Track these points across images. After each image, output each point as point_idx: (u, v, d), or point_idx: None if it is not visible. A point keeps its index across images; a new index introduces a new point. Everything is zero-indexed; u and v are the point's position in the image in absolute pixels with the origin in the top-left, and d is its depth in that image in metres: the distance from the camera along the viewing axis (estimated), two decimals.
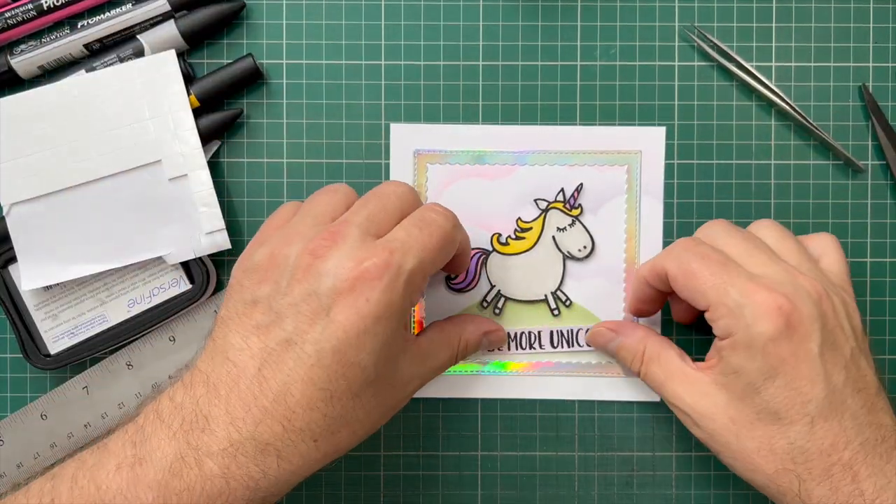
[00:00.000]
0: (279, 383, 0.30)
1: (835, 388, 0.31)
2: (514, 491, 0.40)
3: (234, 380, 0.30)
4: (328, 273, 0.30)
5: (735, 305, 0.32)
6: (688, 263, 0.33)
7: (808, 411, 0.31)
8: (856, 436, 0.31)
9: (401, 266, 0.31)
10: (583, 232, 0.40)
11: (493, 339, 0.39)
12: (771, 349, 0.31)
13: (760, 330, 0.31)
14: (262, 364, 0.30)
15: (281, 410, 0.30)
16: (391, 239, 0.31)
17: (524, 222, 0.40)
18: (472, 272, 0.40)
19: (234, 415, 0.30)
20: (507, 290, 0.40)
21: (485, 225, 0.40)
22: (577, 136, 0.40)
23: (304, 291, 0.30)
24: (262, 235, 0.34)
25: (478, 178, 0.40)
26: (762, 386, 0.31)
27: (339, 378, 0.30)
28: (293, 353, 0.30)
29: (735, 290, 0.32)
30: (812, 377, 0.31)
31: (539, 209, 0.40)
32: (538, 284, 0.40)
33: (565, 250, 0.40)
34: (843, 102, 0.40)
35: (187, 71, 0.39)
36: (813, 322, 0.31)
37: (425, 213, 0.33)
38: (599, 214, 0.40)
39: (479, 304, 0.40)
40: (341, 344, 0.30)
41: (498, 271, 0.40)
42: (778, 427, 0.31)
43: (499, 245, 0.40)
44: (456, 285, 0.40)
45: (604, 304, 0.40)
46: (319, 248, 0.31)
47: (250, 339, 0.31)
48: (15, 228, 0.38)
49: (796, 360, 0.31)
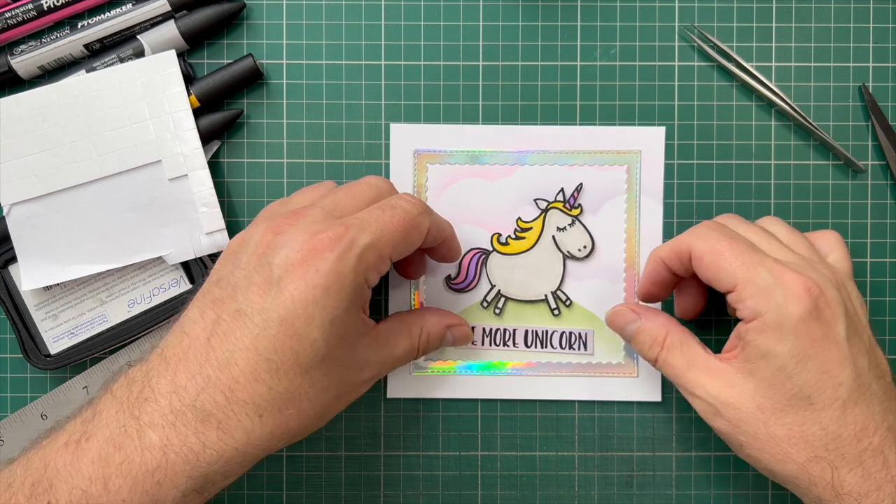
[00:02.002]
0: (224, 352, 0.29)
1: (861, 372, 0.31)
2: (514, 491, 0.40)
3: (184, 350, 0.30)
4: (282, 245, 0.30)
5: (766, 284, 0.31)
6: (716, 242, 0.33)
7: (840, 395, 0.31)
8: (882, 420, 0.31)
9: (354, 240, 0.30)
10: (583, 232, 0.40)
11: (457, 333, 0.38)
12: (802, 330, 0.31)
13: (792, 310, 0.31)
14: (212, 333, 0.30)
15: (224, 379, 0.29)
16: (351, 217, 0.32)
17: (524, 222, 0.40)
18: (473, 272, 0.40)
19: (178, 383, 0.29)
20: (508, 290, 0.40)
21: (485, 225, 0.40)
22: (576, 136, 0.40)
23: (258, 263, 0.31)
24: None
25: (478, 177, 0.40)
26: (794, 369, 0.31)
27: (285, 349, 0.29)
28: (241, 323, 0.30)
29: (765, 269, 0.32)
30: (841, 360, 0.31)
31: (539, 209, 0.40)
32: (538, 284, 0.40)
33: (565, 250, 0.40)
34: (843, 102, 0.40)
35: (187, 71, 0.39)
36: (838, 305, 0.31)
37: (393, 198, 0.33)
38: (599, 214, 0.40)
39: (479, 304, 0.40)
40: (288, 313, 0.29)
41: (498, 271, 0.40)
42: (810, 413, 0.31)
43: (499, 245, 0.40)
44: (456, 285, 0.40)
45: (604, 303, 0.40)
46: (280, 226, 0.31)
47: (206, 312, 0.31)
48: (15, 228, 0.38)
49: (826, 343, 0.31)
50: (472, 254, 0.40)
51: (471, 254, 0.40)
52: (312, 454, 0.40)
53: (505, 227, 0.40)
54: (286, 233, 0.31)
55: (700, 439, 0.40)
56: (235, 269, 0.31)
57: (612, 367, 0.40)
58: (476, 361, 0.40)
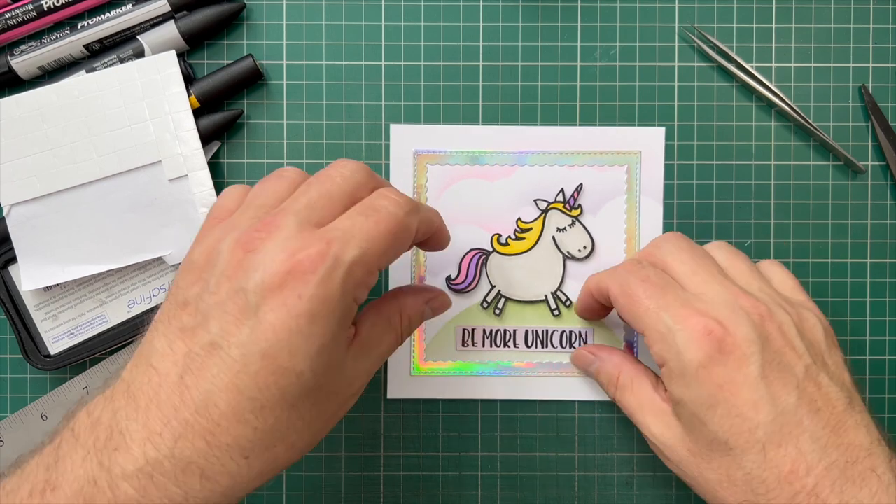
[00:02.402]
0: (202, 392, 0.26)
1: (785, 410, 0.29)
2: (514, 492, 0.40)
3: (154, 389, 0.27)
4: (257, 267, 0.26)
5: (667, 331, 0.30)
6: (628, 286, 0.32)
7: (758, 438, 0.29)
8: (818, 460, 0.28)
9: (338, 257, 0.27)
10: (583, 232, 0.40)
11: (435, 305, 0.35)
12: (704, 376, 0.29)
13: (690, 357, 0.30)
14: (185, 370, 0.26)
15: (204, 423, 0.26)
16: (331, 228, 0.28)
17: (524, 223, 0.40)
18: (473, 273, 0.40)
19: (151, 429, 0.26)
20: (508, 291, 0.40)
21: (485, 225, 0.40)
22: (576, 137, 0.40)
23: (232, 289, 0.27)
24: (204, 230, 0.30)
25: (478, 178, 0.40)
26: (705, 416, 0.30)
27: (270, 386, 0.26)
28: (217, 358, 0.26)
29: (668, 314, 0.31)
30: (755, 401, 0.29)
31: (539, 209, 0.40)
32: (538, 285, 0.40)
33: (565, 250, 0.40)
34: (843, 103, 0.40)
35: (187, 72, 0.39)
36: (750, 344, 0.29)
37: (375, 199, 0.29)
38: (599, 215, 0.40)
39: (479, 305, 0.40)
40: (271, 347, 0.26)
41: (498, 272, 0.40)
42: (731, 458, 0.30)
43: (499, 245, 0.40)
44: (456, 286, 0.40)
45: None
46: (252, 241, 0.27)
47: (175, 344, 0.27)
48: (15, 229, 0.38)
49: (734, 386, 0.29)
50: (472, 254, 0.40)
51: (471, 254, 0.40)
52: (312, 454, 0.40)
53: (505, 227, 0.40)
54: (259, 250, 0.27)
55: None
56: (204, 293, 0.27)
57: None
58: (476, 362, 0.40)
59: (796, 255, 0.40)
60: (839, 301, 0.40)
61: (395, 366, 0.40)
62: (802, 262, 0.40)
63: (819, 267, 0.40)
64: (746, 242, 0.40)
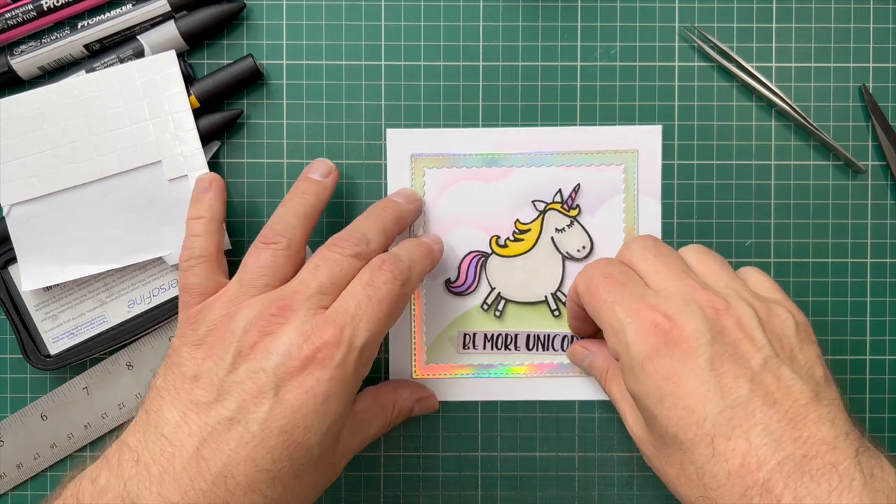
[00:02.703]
0: (220, 464, 0.28)
1: (735, 402, 0.28)
2: (514, 492, 0.40)
3: (168, 459, 0.28)
4: (276, 350, 0.29)
5: (619, 325, 0.31)
6: (591, 281, 0.33)
7: (706, 430, 0.28)
8: (772, 453, 0.27)
9: (352, 343, 0.30)
10: (581, 232, 0.40)
11: (424, 405, 0.39)
12: (650, 369, 0.29)
13: (637, 349, 0.30)
14: (202, 443, 0.28)
15: (220, 493, 0.28)
16: (340, 311, 0.30)
17: (522, 224, 0.40)
18: (472, 275, 0.40)
19: (167, 498, 0.27)
20: (508, 293, 0.40)
21: (483, 227, 0.40)
22: (573, 137, 0.40)
23: (251, 369, 0.29)
24: (202, 308, 0.32)
25: (475, 180, 0.40)
26: (655, 409, 0.29)
27: (283, 459, 0.29)
28: (236, 433, 0.28)
29: (621, 309, 0.31)
30: (702, 393, 0.28)
31: (537, 210, 0.40)
32: (538, 285, 0.40)
33: (564, 251, 0.40)
34: (844, 103, 0.40)
35: (187, 71, 0.39)
36: (699, 336, 0.29)
37: (375, 276, 0.32)
38: (597, 215, 0.40)
39: (479, 307, 0.40)
40: (289, 423, 0.28)
41: (497, 273, 0.40)
42: (683, 451, 0.29)
43: (498, 247, 0.40)
44: (456, 289, 0.40)
45: None
46: (268, 324, 0.30)
47: (189, 416, 0.29)
48: (15, 229, 0.38)
49: (681, 378, 0.29)
50: (471, 257, 0.40)
51: (469, 257, 0.40)
52: None
53: (503, 229, 0.40)
54: (277, 334, 0.30)
55: None
56: (219, 370, 0.29)
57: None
58: (477, 365, 0.40)
59: (796, 255, 0.40)
60: (839, 301, 0.40)
61: (395, 372, 0.40)
62: (802, 262, 0.40)
63: (819, 267, 0.40)
64: (746, 242, 0.40)
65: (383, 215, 0.36)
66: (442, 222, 0.40)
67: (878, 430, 0.40)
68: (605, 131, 0.40)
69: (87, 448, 0.40)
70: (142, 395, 0.39)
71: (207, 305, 0.32)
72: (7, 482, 0.39)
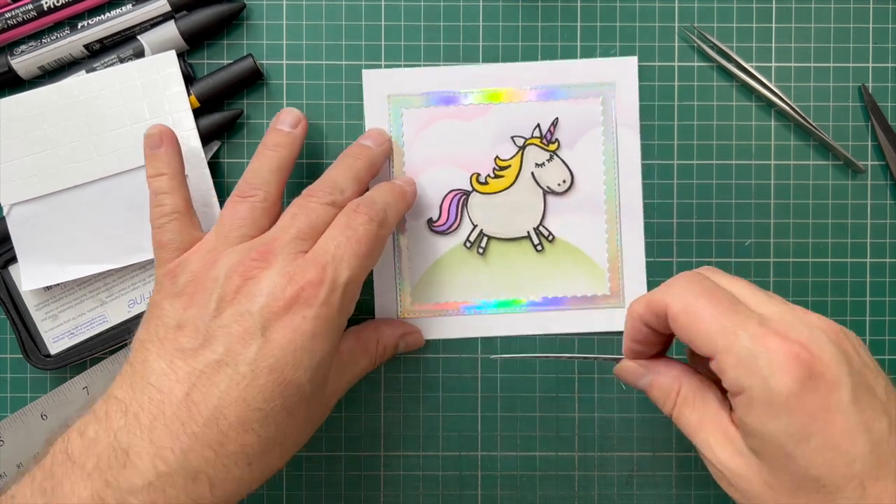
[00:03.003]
0: (210, 407, 0.28)
1: (880, 438, 0.26)
2: (514, 491, 0.40)
3: (158, 407, 0.28)
4: (261, 293, 0.30)
5: (747, 354, 0.27)
6: (694, 299, 0.28)
7: (855, 472, 0.26)
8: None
9: (335, 281, 0.30)
10: (561, 166, 0.40)
11: (409, 340, 0.39)
12: (796, 404, 0.26)
13: (780, 384, 0.26)
14: (191, 388, 0.28)
15: (213, 435, 0.28)
16: (321, 253, 0.31)
17: (502, 160, 0.40)
18: (454, 214, 0.40)
19: (159, 444, 0.27)
20: (490, 229, 0.40)
21: (463, 165, 0.40)
22: (549, 71, 0.40)
23: (236, 312, 0.29)
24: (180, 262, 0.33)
25: (453, 119, 0.40)
26: (795, 450, 0.26)
27: (275, 397, 0.29)
28: (226, 375, 0.29)
29: (747, 334, 0.27)
30: (850, 430, 0.26)
31: (516, 146, 0.40)
32: (520, 221, 0.40)
33: (545, 185, 0.40)
34: (843, 103, 0.40)
35: (187, 71, 0.39)
36: (838, 367, 0.26)
37: (352, 219, 0.33)
38: (577, 148, 0.40)
39: (462, 245, 0.40)
40: (278, 362, 0.29)
41: (479, 211, 0.40)
42: (823, 495, 0.26)
43: (478, 185, 0.40)
44: (438, 227, 0.40)
45: (586, 236, 0.40)
46: (250, 269, 0.30)
47: (176, 363, 0.29)
48: (15, 229, 0.38)
49: (828, 414, 0.26)
50: (452, 195, 0.40)
51: (451, 195, 0.40)
52: (312, 454, 0.40)
53: (483, 166, 0.40)
54: (259, 278, 0.30)
55: None
56: (203, 316, 0.30)
57: (597, 298, 0.40)
58: (467, 302, 0.40)
59: (796, 255, 0.40)
60: (839, 301, 0.40)
61: (381, 313, 0.40)
62: (802, 262, 0.40)
63: (819, 267, 0.40)
64: (746, 242, 0.40)
65: (355, 164, 0.36)
66: (421, 162, 0.40)
67: None
68: (581, 65, 0.40)
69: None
70: None
71: (185, 259, 0.32)
72: (7, 481, 0.39)
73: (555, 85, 0.40)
